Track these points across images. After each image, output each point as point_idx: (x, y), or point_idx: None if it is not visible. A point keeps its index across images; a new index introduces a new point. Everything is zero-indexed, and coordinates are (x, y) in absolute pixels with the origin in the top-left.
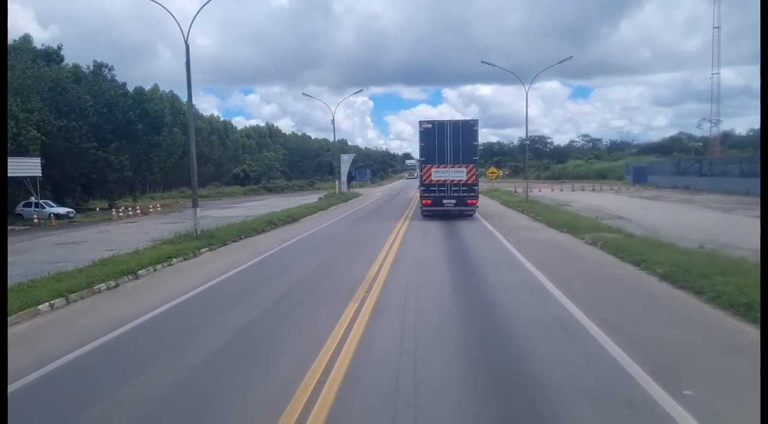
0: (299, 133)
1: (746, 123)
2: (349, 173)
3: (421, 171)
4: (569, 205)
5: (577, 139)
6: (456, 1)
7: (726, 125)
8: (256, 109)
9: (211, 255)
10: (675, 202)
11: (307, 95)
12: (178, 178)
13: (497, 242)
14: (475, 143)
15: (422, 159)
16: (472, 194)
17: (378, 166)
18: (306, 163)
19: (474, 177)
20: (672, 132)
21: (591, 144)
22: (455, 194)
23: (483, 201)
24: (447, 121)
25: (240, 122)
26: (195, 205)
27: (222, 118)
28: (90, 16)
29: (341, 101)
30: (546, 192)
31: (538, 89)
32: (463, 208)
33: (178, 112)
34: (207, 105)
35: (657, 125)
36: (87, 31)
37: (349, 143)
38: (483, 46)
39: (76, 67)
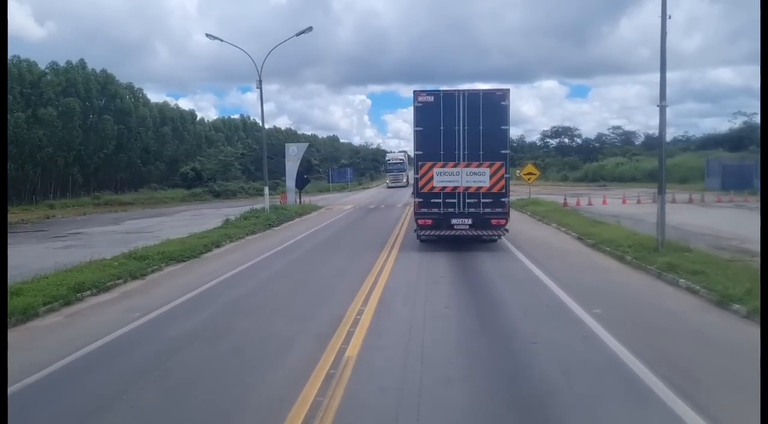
0: (283, 128)
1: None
2: (300, 174)
3: (416, 173)
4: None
5: (607, 132)
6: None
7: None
8: (254, 107)
9: None
10: None
11: (212, 36)
12: (109, 177)
13: None
14: (504, 128)
15: (418, 153)
16: (498, 210)
17: (368, 164)
18: (276, 161)
19: (502, 182)
20: (672, 131)
21: (624, 137)
22: (472, 210)
23: (542, 235)
24: (459, 91)
25: None
26: None
27: (222, 114)
28: (87, 13)
29: (274, 47)
30: (616, 206)
31: (536, 88)
32: (484, 232)
33: (112, 97)
34: (205, 103)
35: (655, 124)
36: (84, 28)
37: (342, 140)
38: (483, 45)
39: None
